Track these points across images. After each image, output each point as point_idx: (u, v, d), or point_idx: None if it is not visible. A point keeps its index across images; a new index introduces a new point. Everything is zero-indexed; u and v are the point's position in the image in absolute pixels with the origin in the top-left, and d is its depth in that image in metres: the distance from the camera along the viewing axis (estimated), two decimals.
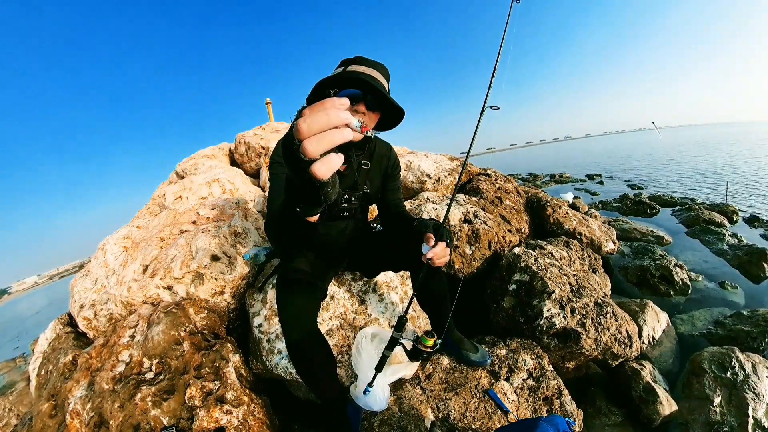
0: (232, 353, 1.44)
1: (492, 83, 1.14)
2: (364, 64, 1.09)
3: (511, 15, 1.18)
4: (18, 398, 2.27)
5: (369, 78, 1.04)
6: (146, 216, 3.26)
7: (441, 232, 1.06)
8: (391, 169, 1.36)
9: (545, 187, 8.04)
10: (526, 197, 3.07)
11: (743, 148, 12.41)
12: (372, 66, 1.10)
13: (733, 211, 3.80)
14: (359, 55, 1.12)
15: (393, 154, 1.37)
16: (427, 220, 1.23)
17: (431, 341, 1.14)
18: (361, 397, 1.24)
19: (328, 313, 1.54)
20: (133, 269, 1.83)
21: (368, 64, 1.10)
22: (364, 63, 1.09)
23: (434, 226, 1.13)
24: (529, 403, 1.34)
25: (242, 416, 1.23)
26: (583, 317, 1.58)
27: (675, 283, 2.32)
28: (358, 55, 1.12)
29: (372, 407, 1.25)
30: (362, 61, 1.10)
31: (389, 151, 1.36)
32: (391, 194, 1.39)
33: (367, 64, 1.09)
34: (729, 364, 1.46)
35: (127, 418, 1.20)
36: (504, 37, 1.15)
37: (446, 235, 1.08)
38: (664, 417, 1.40)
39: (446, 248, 1.04)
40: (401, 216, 1.40)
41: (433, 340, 1.14)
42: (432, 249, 1.02)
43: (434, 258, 1.02)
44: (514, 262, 1.92)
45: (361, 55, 1.12)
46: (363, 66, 1.08)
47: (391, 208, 1.40)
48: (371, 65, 1.10)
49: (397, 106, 1.11)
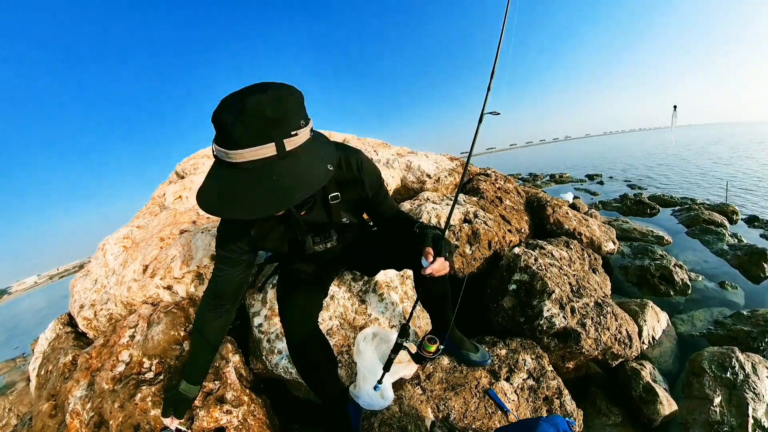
0: (232, 353, 1.44)
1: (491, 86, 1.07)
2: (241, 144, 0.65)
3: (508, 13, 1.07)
4: (18, 398, 2.27)
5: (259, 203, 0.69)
6: (146, 216, 3.26)
7: (440, 247, 1.01)
8: (370, 188, 1.10)
9: (545, 187, 8.03)
10: (526, 197, 3.07)
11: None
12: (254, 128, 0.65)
13: (733, 211, 3.80)
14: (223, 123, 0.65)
15: (366, 171, 1.07)
16: (428, 230, 1.09)
17: (434, 347, 1.14)
18: (361, 397, 1.24)
19: (328, 313, 1.54)
20: (133, 269, 1.83)
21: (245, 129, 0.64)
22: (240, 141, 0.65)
23: (434, 239, 1.03)
24: (529, 403, 1.34)
25: (242, 416, 1.24)
26: (583, 317, 1.58)
27: (675, 283, 2.32)
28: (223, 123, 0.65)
29: (373, 406, 1.25)
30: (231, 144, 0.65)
31: (360, 172, 1.05)
32: (380, 206, 1.20)
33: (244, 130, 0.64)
34: (729, 364, 1.46)
35: (127, 418, 1.20)
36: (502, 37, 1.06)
37: (445, 248, 1.02)
38: (664, 417, 1.40)
39: (445, 263, 1.00)
40: (398, 218, 1.26)
41: (435, 346, 1.14)
42: (431, 265, 0.99)
43: (433, 273, 0.99)
44: (514, 262, 1.92)
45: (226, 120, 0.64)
46: (240, 149, 0.65)
47: (385, 215, 1.24)
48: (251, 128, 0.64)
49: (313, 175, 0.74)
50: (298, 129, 0.71)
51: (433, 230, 1.09)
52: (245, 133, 0.64)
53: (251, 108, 0.64)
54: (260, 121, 0.65)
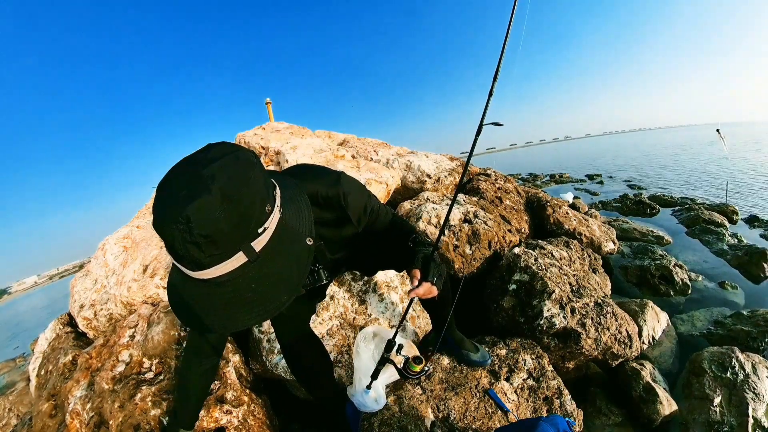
0: (231, 353, 1.44)
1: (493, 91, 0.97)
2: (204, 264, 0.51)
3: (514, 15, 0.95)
4: (18, 398, 2.27)
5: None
6: (146, 216, 3.25)
7: (428, 270, 0.97)
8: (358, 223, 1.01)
9: (545, 187, 8.03)
10: (526, 197, 3.07)
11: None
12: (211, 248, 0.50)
13: (733, 211, 3.80)
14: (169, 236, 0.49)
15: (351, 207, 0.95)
16: (420, 247, 1.01)
17: (419, 367, 1.18)
18: (357, 397, 1.25)
19: (328, 313, 1.54)
20: (133, 269, 1.83)
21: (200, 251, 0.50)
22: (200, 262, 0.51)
23: (423, 260, 0.98)
24: (529, 403, 1.34)
25: (242, 416, 1.24)
26: (583, 317, 1.58)
27: (675, 283, 2.32)
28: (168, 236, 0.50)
29: (366, 408, 1.25)
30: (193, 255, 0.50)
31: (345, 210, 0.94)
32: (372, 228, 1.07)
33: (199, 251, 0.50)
34: (729, 364, 1.46)
35: (127, 418, 1.20)
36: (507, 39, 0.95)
37: (433, 273, 0.97)
38: (664, 417, 1.40)
39: (431, 288, 0.96)
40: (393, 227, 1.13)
41: (420, 367, 1.18)
42: (415, 289, 0.96)
43: (417, 296, 0.96)
44: (514, 262, 1.92)
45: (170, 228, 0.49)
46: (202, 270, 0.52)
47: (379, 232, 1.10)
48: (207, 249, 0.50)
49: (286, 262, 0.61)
50: (263, 222, 0.56)
51: (426, 248, 1.01)
52: (202, 253, 0.50)
53: (199, 224, 0.47)
54: (216, 238, 0.49)
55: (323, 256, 1.01)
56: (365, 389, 1.22)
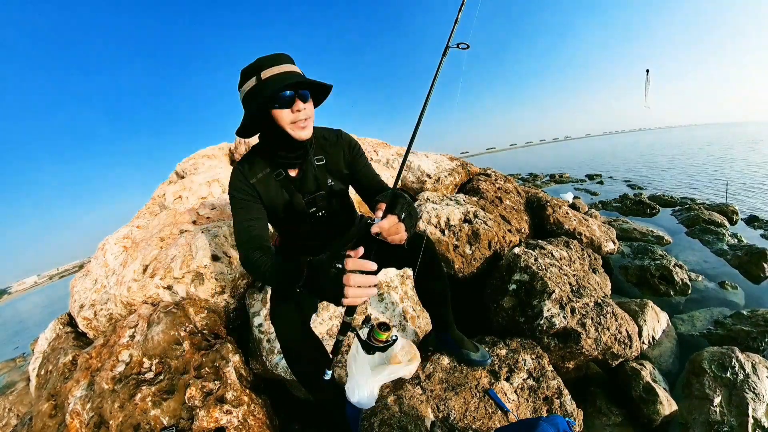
0: (232, 353, 1.44)
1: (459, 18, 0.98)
2: (273, 64, 1.03)
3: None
4: (18, 398, 2.27)
5: (291, 76, 1.02)
6: (146, 216, 3.26)
7: (394, 203, 0.87)
8: (350, 150, 1.30)
9: (545, 187, 8.03)
10: (526, 197, 3.07)
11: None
12: (281, 62, 1.04)
13: (733, 211, 3.80)
14: (260, 58, 1.05)
15: (345, 137, 1.32)
16: (390, 190, 0.96)
17: (385, 335, 1.00)
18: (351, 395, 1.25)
19: (328, 313, 1.54)
20: (133, 269, 1.83)
21: (276, 61, 1.04)
22: (273, 63, 1.03)
23: (392, 195, 0.90)
24: (529, 402, 1.34)
25: (242, 416, 1.24)
26: (583, 317, 1.58)
27: (675, 283, 2.32)
28: (259, 58, 1.05)
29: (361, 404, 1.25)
30: (270, 62, 1.03)
31: (340, 137, 1.30)
32: (363, 175, 1.31)
33: (276, 62, 1.04)
34: (729, 364, 1.46)
35: (127, 418, 1.20)
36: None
37: (401, 207, 0.87)
38: (664, 417, 1.40)
39: (398, 224, 0.85)
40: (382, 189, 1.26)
41: (387, 335, 1.01)
42: (379, 222, 0.83)
43: (382, 233, 0.85)
44: (514, 262, 1.92)
45: (261, 57, 1.05)
46: (274, 67, 1.03)
47: (372, 188, 1.29)
48: (280, 61, 1.04)
49: (323, 84, 1.11)
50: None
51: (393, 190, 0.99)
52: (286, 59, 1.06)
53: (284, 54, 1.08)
54: (289, 57, 1.08)
55: (323, 175, 1.25)
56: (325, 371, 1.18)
